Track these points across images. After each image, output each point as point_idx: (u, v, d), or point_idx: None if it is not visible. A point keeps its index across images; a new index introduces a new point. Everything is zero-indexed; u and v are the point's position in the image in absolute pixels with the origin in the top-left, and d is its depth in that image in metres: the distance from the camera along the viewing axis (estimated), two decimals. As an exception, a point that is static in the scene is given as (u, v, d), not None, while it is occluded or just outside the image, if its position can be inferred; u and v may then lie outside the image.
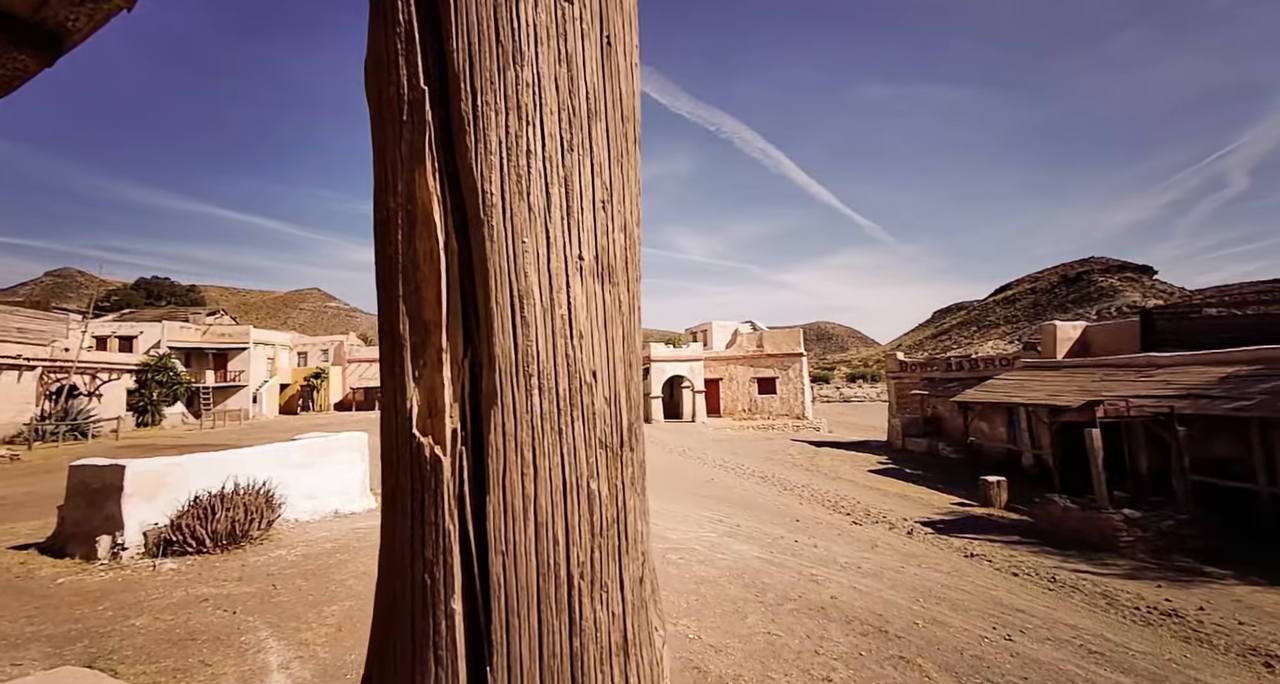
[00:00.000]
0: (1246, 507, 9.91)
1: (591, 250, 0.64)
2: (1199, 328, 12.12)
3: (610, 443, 0.62)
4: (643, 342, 0.72)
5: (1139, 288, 78.36)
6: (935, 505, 11.61)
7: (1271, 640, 5.52)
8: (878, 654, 4.56)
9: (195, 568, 5.90)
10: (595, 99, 0.65)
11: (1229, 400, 9.13)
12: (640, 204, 0.71)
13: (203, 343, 37.43)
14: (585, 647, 0.56)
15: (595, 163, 0.65)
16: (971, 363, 18.95)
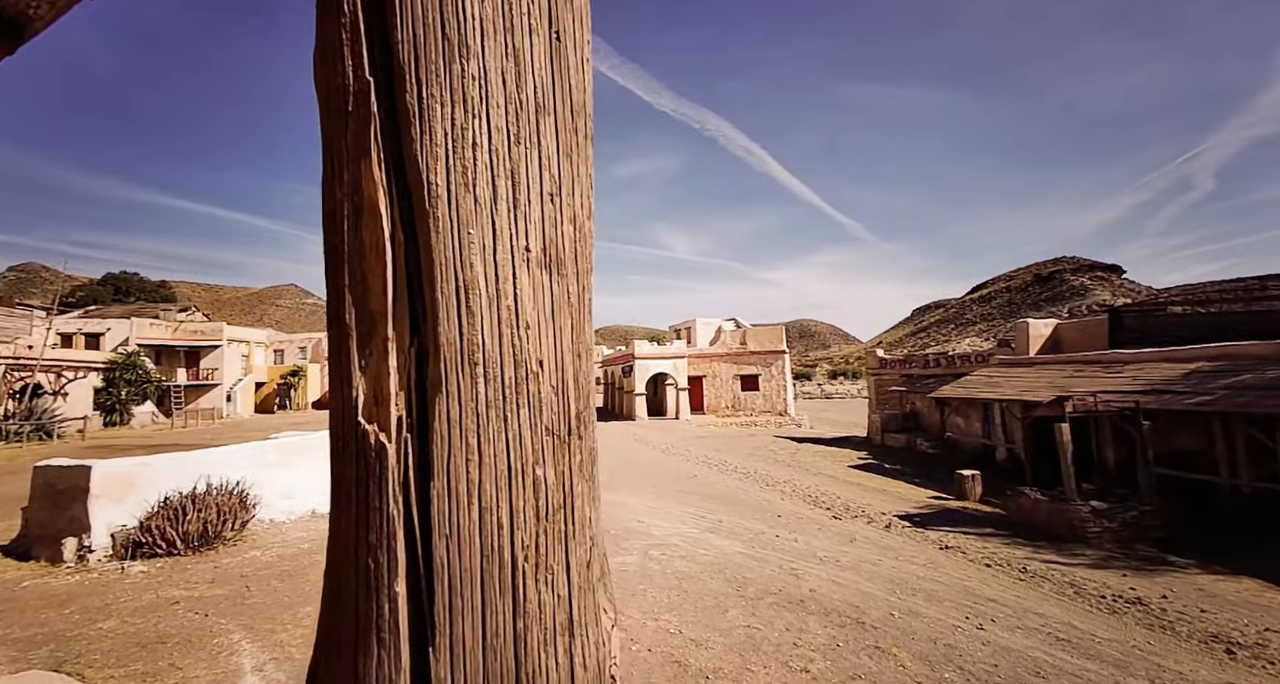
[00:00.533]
0: (1208, 498, 10.30)
1: (539, 242, 0.65)
2: (1164, 325, 12.54)
3: (557, 430, 0.63)
4: (626, 339, 0.73)
5: (1108, 287, 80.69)
6: (913, 499, 11.84)
7: (1233, 628, 5.75)
8: (854, 645, 4.65)
9: (166, 570, 5.76)
10: (544, 93, 0.66)
11: (1192, 395, 9.47)
12: (592, 197, 0.73)
13: (174, 340, 36.41)
14: (529, 627, 0.58)
15: (543, 156, 0.66)
16: (948, 360, 19.34)
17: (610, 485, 12.36)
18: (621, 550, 7.09)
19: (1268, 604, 6.36)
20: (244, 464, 7.44)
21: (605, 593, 0.70)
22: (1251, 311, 11.16)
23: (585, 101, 0.72)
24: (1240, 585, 6.92)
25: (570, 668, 0.60)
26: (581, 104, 0.71)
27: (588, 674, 0.61)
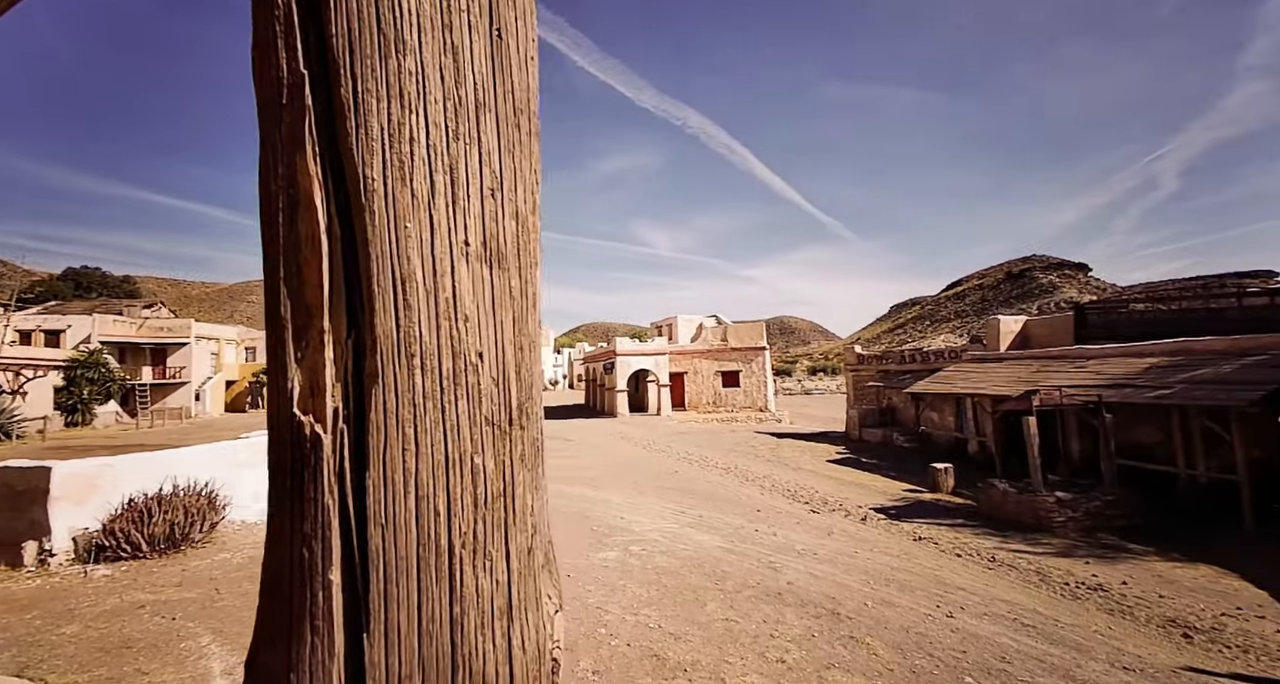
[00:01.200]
0: (1167, 488, 10.73)
1: (479, 237, 0.66)
2: (1126, 322, 13.01)
3: (498, 421, 0.64)
4: (608, 336, 0.74)
5: (1075, 284, 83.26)
6: (888, 492, 12.09)
7: (1189, 613, 6.01)
8: (829, 635, 4.74)
9: (130, 574, 5.60)
10: (484, 90, 0.67)
11: (1151, 389, 9.86)
12: (537, 194, 0.73)
13: (138, 337, 35.21)
14: (466, 612, 0.59)
15: (484, 152, 0.67)
16: (923, 356, 19.76)
17: (593, 482, 12.36)
18: (603, 547, 7.12)
19: (1223, 590, 6.66)
20: (213, 464, 7.26)
21: (549, 579, 0.72)
22: (1209, 309, 11.65)
23: (529, 99, 0.72)
24: (1197, 572, 7.24)
25: (509, 651, 0.62)
26: (525, 101, 0.72)
27: (526, 656, 0.63)
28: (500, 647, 0.61)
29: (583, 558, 6.56)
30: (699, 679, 3.85)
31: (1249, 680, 4.59)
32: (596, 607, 5.05)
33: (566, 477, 13.04)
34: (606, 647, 4.26)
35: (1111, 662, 4.66)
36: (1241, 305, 10.89)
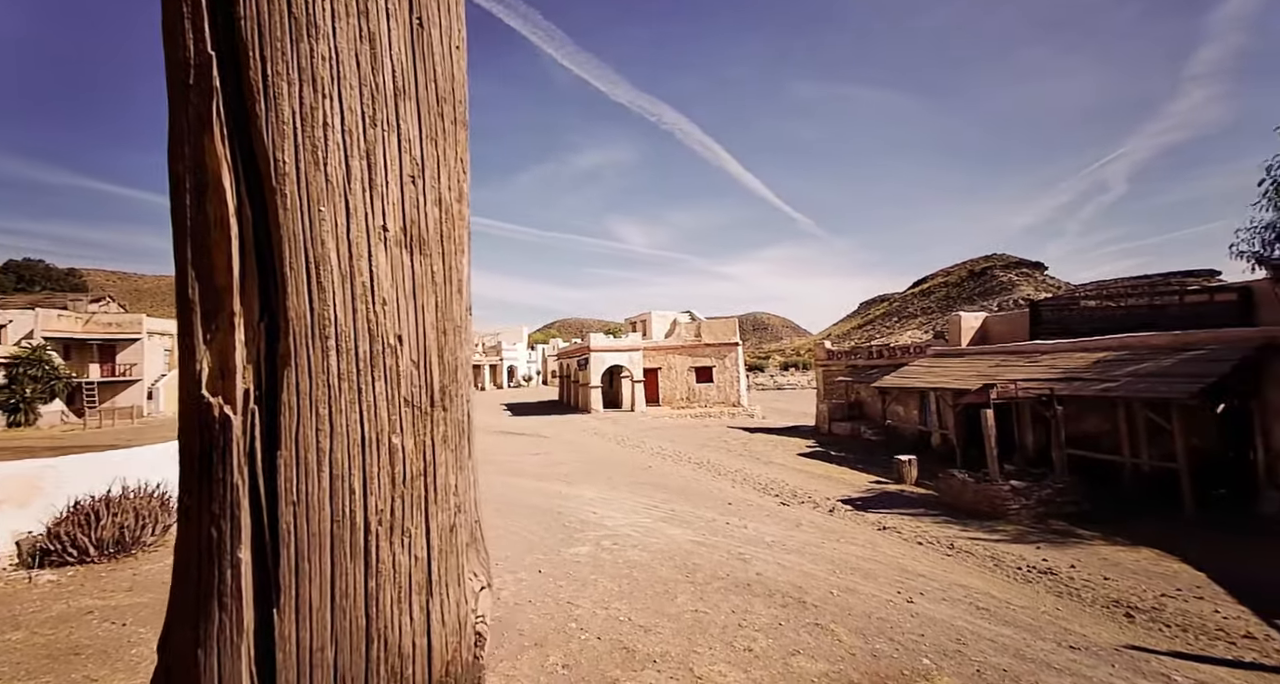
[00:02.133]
0: (1113, 475, 11.32)
1: (398, 222, 0.66)
2: (1077, 318, 13.65)
3: (418, 402, 0.66)
4: (581, 332, 0.74)
5: (1032, 282, 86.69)
6: (855, 484, 12.41)
7: (1132, 594, 6.36)
8: (796, 623, 4.86)
9: (78, 579, 5.36)
10: (404, 78, 0.67)
11: (1099, 382, 10.37)
12: (465, 183, 0.74)
13: (85, 333, 33.43)
14: (381, 586, 0.60)
15: (403, 139, 0.67)
16: (890, 351, 20.31)
17: (566, 478, 12.33)
18: (575, 542, 7.12)
19: (1163, 572, 7.07)
20: (166, 465, 6.97)
21: (477, 557, 0.74)
22: (1153, 306, 12.30)
23: (454, 89, 0.73)
24: (1139, 555, 7.66)
25: (427, 624, 0.63)
26: (449, 91, 0.72)
27: (446, 629, 0.65)
28: (418, 620, 0.62)
29: (554, 553, 6.56)
30: (668, 670, 3.91)
31: (1187, 658, 4.89)
32: (567, 601, 5.06)
33: (540, 473, 12.98)
34: (577, 640, 4.28)
35: (1058, 641, 4.91)
36: (1183, 303, 11.54)
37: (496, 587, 5.32)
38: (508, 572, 5.79)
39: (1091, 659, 4.58)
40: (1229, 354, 9.45)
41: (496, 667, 3.79)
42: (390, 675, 0.60)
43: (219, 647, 0.55)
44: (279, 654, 0.56)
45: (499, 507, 9.14)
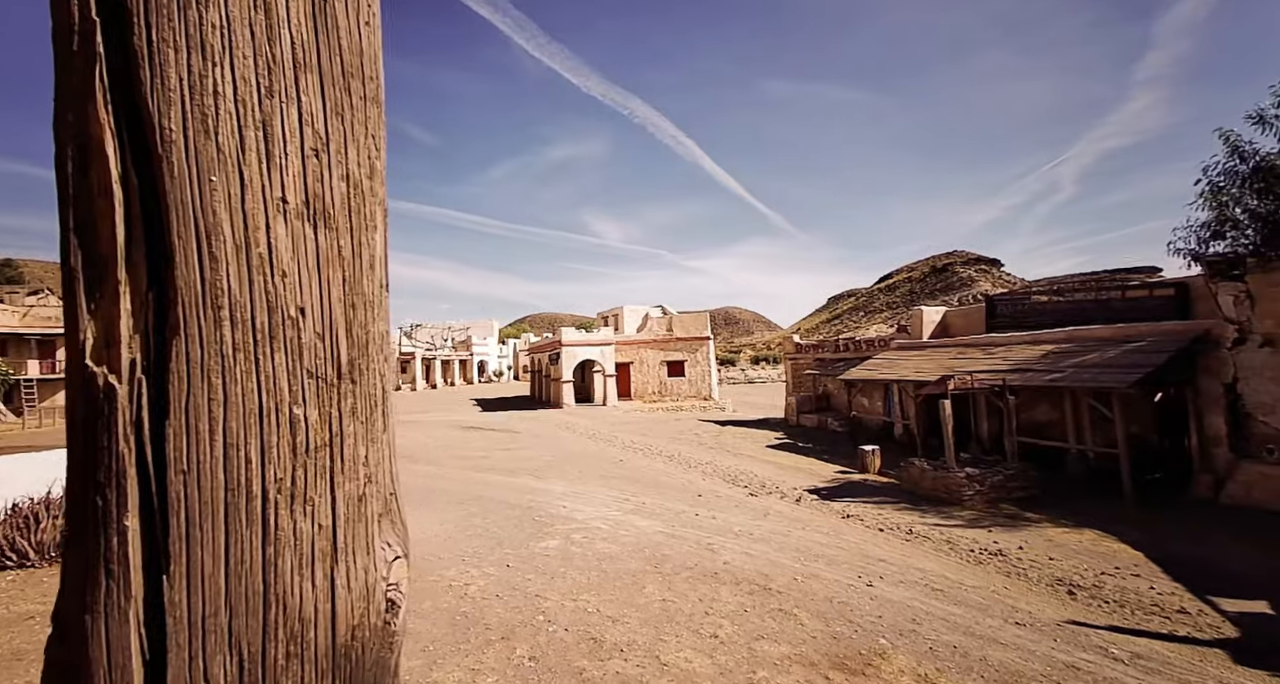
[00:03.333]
0: (1060, 461, 11.93)
1: (300, 195, 0.67)
2: (1029, 312, 14.29)
3: (323, 374, 0.67)
4: (553, 327, 0.75)
5: (990, 278, 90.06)
6: (822, 474, 12.74)
7: (1074, 573, 6.73)
8: (760, 609, 4.99)
9: (18, 584, 5.09)
10: (304, 51, 0.68)
11: (1047, 373, 10.89)
12: (376, 159, 0.76)
13: (23, 327, 31.46)
14: (281, 553, 0.62)
15: (305, 112, 0.69)
16: (855, 344, 20.84)
17: (537, 473, 12.28)
18: (544, 536, 7.12)
19: (1104, 552, 7.51)
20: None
21: (392, 528, 0.76)
22: (1098, 300, 12.97)
23: (363, 65, 0.74)
24: (1082, 536, 8.11)
25: (331, 589, 0.65)
26: (357, 67, 0.73)
27: (352, 594, 0.67)
28: (321, 586, 0.65)
29: (523, 547, 6.55)
30: (635, 658, 3.97)
31: (1124, 632, 5.21)
32: (536, 594, 5.07)
33: (510, 468, 12.89)
34: (544, 633, 4.31)
35: (1005, 618, 5.18)
36: (1125, 297, 12.20)
37: (463, 583, 5.29)
38: (474, 567, 5.75)
39: (1035, 634, 4.86)
40: (1166, 346, 10.04)
41: (462, 661, 3.79)
42: (290, 638, 0.62)
43: (106, 612, 0.56)
44: (169, 619, 0.57)
45: (467, 502, 9.05)
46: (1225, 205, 9.77)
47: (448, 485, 10.74)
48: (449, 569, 5.66)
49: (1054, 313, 13.76)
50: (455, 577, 5.45)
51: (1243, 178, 9.66)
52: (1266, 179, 9.40)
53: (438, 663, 3.78)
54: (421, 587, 5.19)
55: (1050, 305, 14.03)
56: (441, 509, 8.61)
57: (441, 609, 4.67)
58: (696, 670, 3.84)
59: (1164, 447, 10.98)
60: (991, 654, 4.35)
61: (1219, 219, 9.83)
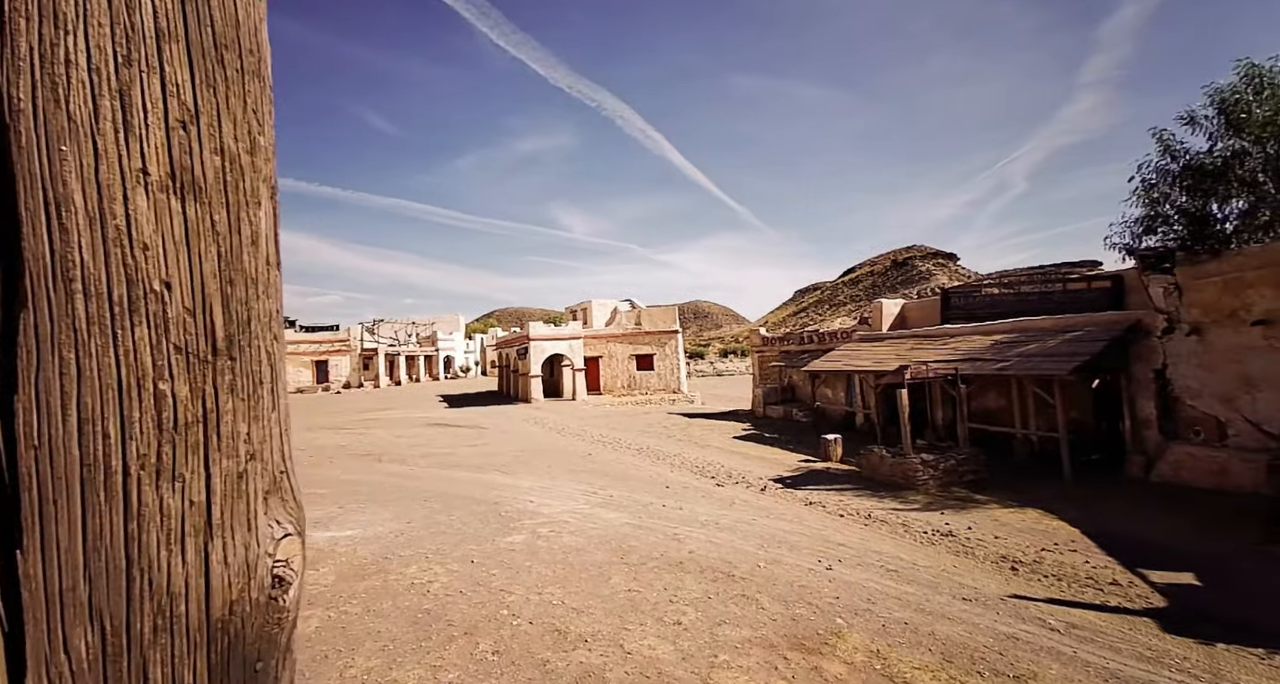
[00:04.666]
0: (1007, 446, 12.55)
1: (164, 167, 0.67)
2: (980, 304, 14.94)
3: (194, 349, 0.68)
4: (521, 321, 0.75)
5: (947, 271, 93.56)
6: (786, 464, 13.05)
7: (1017, 550, 7.11)
8: (724, 595, 5.10)
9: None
10: (169, 20, 0.67)
11: (995, 362, 11.42)
12: (257, 134, 0.75)
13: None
14: (145, 528, 0.63)
15: (170, 83, 0.68)
16: (819, 337, 21.35)
17: (504, 469, 12.17)
18: (510, 531, 7.08)
19: (1044, 529, 7.96)
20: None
21: (283, 507, 0.77)
22: (1042, 293, 13.65)
23: (240, 38, 0.73)
24: (1025, 516, 8.57)
25: (204, 565, 0.66)
26: (232, 39, 0.73)
27: (229, 570, 0.68)
28: (193, 562, 0.65)
29: (489, 543, 6.50)
30: (599, 648, 4.01)
31: (1061, 603, 5.55)
32: (500, 589, 5.05)
33: (477, 464, 12.74)
34: (508, 627, 4.30)
35: (953, 594, 5.45)
36: (1066, 289, 12.90)
37: (425, 580, 5.22)
38: (437, 564, 5.68)
39: (980, 608, 5.13)
40: (1101, 335, 10.67)
41: (423, 659, 3.75)
42: (157, 612, 0.63)
43: None
44: (24, 593, 0.57)
45: (432, 499, 8.91)
46: (1157, 202, 10.41)
47: (412, 483, 10.54)
48: (410, 567, 5.58)
49: (1003, 304, 14.41)
50: (417, 574, 5.38)
51: (1173, 176, 10.30)
52: (1195, 177, 10.04)
53: (397, 661, 3.73)
54: (381, 586, 5.10)
55: (999, 298, 14.69)
56: (405, 507, 8.46)
57: (402, 608, 4.60)
58: (659, 657, 3.91)
59: (1101, 430, 11.68)
60: (939, 628, 4.57)
61: (1151, 215, 10.46)
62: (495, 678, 3.56)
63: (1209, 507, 8.45)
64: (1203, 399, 9.71)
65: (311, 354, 48.61)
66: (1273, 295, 8.83)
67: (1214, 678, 4.08)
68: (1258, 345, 9.01)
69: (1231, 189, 9.86)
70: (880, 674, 3.81)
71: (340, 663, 3.71)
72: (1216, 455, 9.32)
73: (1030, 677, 3.87)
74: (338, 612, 4.53)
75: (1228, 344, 9.40)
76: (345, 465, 12.81)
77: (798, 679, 3.70)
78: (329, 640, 4.03)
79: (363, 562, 5.78)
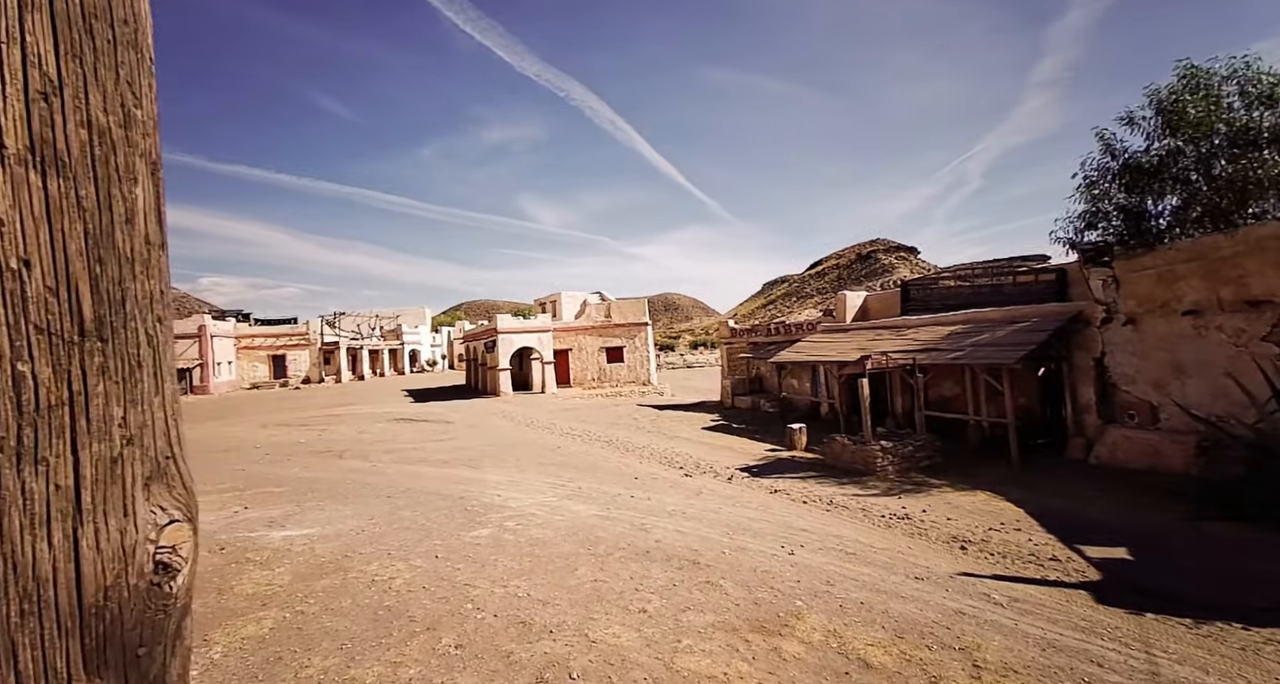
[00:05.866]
0: (961, 432, 13.10)
1: (23, 141, 0.65)
2: (937, 296, 15.50)
3: (58, 330, 0.66)
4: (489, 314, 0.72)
5: (908, 265, 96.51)
6: (753, 453, 13.30)
7: (967, 530, 7.45)
8: (689, 583, 5.19)
9: None
10: None
11: (950, 352, 11.89)
12: (140, 109, 0.74)
13: None
14: (6, 512, 0.62)
15: (31, 53, 0.66)
16: (786, 328, 21.74)
17: (471, 463, 12.01)
18: (476, 525, 7.01)
19: (992, 510, 8.36)
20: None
21: (169, 493, 0.76)
22: (994, 285, 14.24)
23: (111, 9, 0.72)
24: (975, 498, 8.98)
25: (74, 550, 0.66)
26: (103, 10, 0.71)
27: (102, 556, 0.67)
28: (60, 546, 0.64)
29: (454, 538, 6.43)
30: (564, 638, 4.03)
31: (1005, 579, 5.86)
32: (464, 583, 5.01)
33: (443, 459, 12.54)
34: (472, 620, 4.27)
35: (907, 574, 5.69)
36: (1015, 282, 13.49)
37: (387, 577, 5.13)
38: (400, 560, 5.59)
39: (931, 587, 5.36)
40: (1046, 325, 11.21)
41: (383, 655, 3.70)
42: (22, 596, 0.62)
43: None
44: None
45: (396, 496, 8.74)
46: (1098, 199, 10.98)
47: (375, 479, 10.31)
48: (371, 564, 5.47)
49: (958, 297, 14.97)
50: (378, 571, 5.28)
51: (1113, 174, 10.87)
52: (1132, 175, 10.63)
53: (356, 659, 3.66)
54: (341, 584, 4.99)
55: (955, 290, 15.25)
56: (367, 503, 8.27)
57: (362, 606, 4.52)
58: (624, 644, 3.95)
59: (1046, 415, 12.32)
60: (893, 607, 4.77)
61: (1092, 211, 11.04)
62: (457, 671, 3.54)
63: (1142, 486, 9.03)
64: (1137, 385, 10.34)
65: (268, 348, 46.77)
66: (1201, 287, 9.44)
67: (1143, 646, 4.38)
68: (1187, 334, 9.64)
69: (1166, 186, 10.48)
70: (836, 651, 3.96)
71: (296, 663, 3.62)
72: (1150, 438, 9.95)
73: (975, 648, 4.08)
74: (293, 612, 4.41)
75: (1160, 333, 10.01)
76: (304, 463, 12.42)
77: (758, 660, 3.80)
78: (284, 641, 3.92)
79: (321, 560, 5.63)
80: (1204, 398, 9.31)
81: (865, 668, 3.76)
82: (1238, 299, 8.97)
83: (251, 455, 13.80)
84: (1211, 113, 9.73)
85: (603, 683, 3.45)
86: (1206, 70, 10.04)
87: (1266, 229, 8.69)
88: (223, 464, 12.61)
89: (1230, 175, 9.75)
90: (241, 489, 9.58)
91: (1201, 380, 9.40)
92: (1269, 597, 5.12)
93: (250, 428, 20.09)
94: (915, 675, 3.68)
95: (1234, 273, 9.00)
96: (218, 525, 7.13)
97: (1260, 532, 6.75)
